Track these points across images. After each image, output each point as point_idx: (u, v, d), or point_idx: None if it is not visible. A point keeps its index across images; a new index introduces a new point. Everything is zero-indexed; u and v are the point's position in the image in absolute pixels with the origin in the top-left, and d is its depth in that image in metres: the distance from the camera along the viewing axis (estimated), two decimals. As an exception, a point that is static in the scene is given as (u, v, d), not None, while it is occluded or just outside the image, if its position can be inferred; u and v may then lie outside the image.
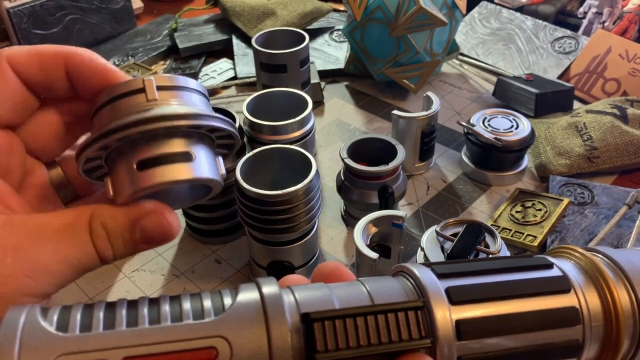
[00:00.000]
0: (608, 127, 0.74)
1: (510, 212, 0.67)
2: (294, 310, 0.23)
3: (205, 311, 0.22)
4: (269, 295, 0.23)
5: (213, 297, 0.23)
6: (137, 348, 0.21)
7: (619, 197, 0.67)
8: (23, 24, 0.96)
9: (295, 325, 0.22)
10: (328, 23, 1.10)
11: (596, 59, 0.89)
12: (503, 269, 0.26)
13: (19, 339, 0.20)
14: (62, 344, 0.20)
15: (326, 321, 0.22)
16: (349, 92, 0.94)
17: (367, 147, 0.67)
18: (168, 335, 0.21)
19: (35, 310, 0.21)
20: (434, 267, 0.25)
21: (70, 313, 0.21)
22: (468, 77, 0.96)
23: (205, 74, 0.98)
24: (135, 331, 0.21)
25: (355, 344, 0.22)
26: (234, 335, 0.21)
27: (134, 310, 0.22)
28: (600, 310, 0.25)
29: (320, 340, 0.22)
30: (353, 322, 0.22)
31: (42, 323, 0.21)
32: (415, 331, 0.23)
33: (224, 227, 0.65)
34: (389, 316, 0.23)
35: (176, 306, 0.22)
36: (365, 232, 0.55)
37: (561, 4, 1.06)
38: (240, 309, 0.22)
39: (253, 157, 0.57)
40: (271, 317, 0.22)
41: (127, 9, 1.10)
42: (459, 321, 0.23)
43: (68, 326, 0.21)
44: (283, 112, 0.66)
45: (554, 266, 0.26)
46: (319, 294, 0.24)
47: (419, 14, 0.79)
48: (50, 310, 0.22)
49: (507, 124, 0.72)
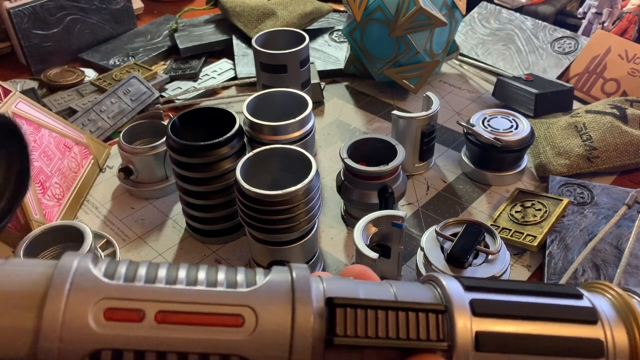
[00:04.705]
0: (607, 127, 0.74)
1: (510, 212, 0.67)
2: (320, 296, 0.24)
3: (238, 283, 0.24)
4: (299, 278, 0.24)
5: (247, 272, 0.24)
6: (172, 304, 0.22)
7: (619, 197, 0.67)
8: (23, 24, 0.96)
9: (319, 310, 0.23)
10: (328, 23, 1.10)
11: (596, 59, 0.89)
12: (531, 291, 0.26)
13: (71, 278, 0.22)
14: (107, 289, 0.22)
15: (349, 308, 0.23)
16: (349, 92, 0.94)
17: (367, 147, 0.67)
18: (201, 298, 0.23)
19: (88, 258, 0.23)
20: (462, 280, 0.26)
21: (118, 265, 0.23)
22: (468, 77, 0.96)
23: (206, 74, 0.98)
24: (173, 289, 0.23)
25: (374, 335, 0.23)
26: (261, 308, 0.23)
27: (173, 272, 0.24)
28: (627, 348, 0.25)
29: (341, 325, 0.23)
30: (374, 313, 0.23)
31: (92, 269, 0.23)
32: (433, 333, 0.23)
33: (224, 227, 0.65)
34: (409, 314, 0.24)
35: (212, 274, 0.24)
36: (365, 232, 0.55)
37: (561, 4, 1.06)
38: (271, 285, 0.24)
39: (253, 157, 0.57)
40: (298, 298, 0.23)
41: (127, 9, 1.10)
42: (479, 333, 0.24)
43: (114, 275, 0.23)
44: (283, 112, 0.66)
45: (584, 297, 0.26)
46: (347, 285, 0.25)
47: (418, 14, 0.79)
48: (100, 260, 0.24)
49: (507, 124, 0.72)
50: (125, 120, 0.85)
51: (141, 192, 0.73)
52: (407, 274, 0.62)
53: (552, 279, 0.59)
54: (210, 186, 0.61)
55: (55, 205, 0.68)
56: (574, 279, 0.58)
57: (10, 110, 0.65)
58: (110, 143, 0.83)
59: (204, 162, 0.59)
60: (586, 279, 0.58)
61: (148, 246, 0.66)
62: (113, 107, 0.85)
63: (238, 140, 0.61)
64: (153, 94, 0.88)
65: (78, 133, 0.76)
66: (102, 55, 1.03)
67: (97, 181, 0.77)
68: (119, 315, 0.22)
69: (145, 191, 0.73)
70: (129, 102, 0.86)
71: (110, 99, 0.86)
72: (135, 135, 0.75)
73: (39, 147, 0.68)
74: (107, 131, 0.84)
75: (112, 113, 0.85)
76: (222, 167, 0.60)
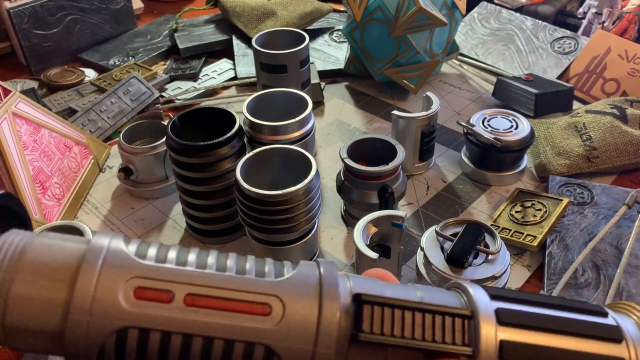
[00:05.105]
0: (607, 127, 0.74)
1: (510, 212, 0.67)
2: (347, 292, 0.24)
3: (266, 272, 0.24)
4: (327, 273, 0.24)
5: (275, 263, 0.25)
6: (201, 288, 0.22)
7: (619, 197, 0.67)
8: (23, 24, 0.96)
9: (346, 306, 0.23)
10: (328, 23, 1.10)
11: (596, 59, 0.89)
12: (556, 305, 0.26)
13: (104, 255, 0.22)
14: (139, 268, 0.23)
15: (376, 306, 0.23)
16: (349, 92, 0.94)
17: (367, 147, 0.67)
18: (231, 284, 0.23)
19: (120, 236, 0.24)
20: (488, 289, 0.26)
21: (149, 246, 0.24)
22: (468, 77, 0.96)
23: (206, 74, 0.98)
24: (203, 273, 0.23)
25: (400, 334, 0.23)
26: (289, 299, 0.23)
27: (204, 257, 0.24)
28: None
29: (367, 321, 0.23)
30: (401, 313, 0.23)
31: (124, 248, 0.23)
32: (458, 338, 0.23)
33: (224, 227, 0.65)
34: (436, 317, 0.24)
35: (242, 262, 0.24)
36: (365, 232, 0.56)
37: (561, 4, 1.06)
38: (299, 277, 0.24)
39: (253, 157, 0.57)
40: (326, 292, 0.23)
41: (127, 9, 1.10)
42: (504, 341, 0.24)
43: (146, 256, 0.23)
44: (283, 112, 0.66)
45: (609, 316, 0.26)
46: (374, 285, 0.25)
47: (418, 14, 0.79)
48: (133, 241, 0.24)
49: (507, 124, 0.72)
50: (125, 120, 0.85)
51: (141, 192, 0.73)
52: (407, 274, 0.62)
53: (552, 279, 0.59)
54: (210, 186, 0.61)
55: (55, 205, 0.68)
56: (574, 279, 0.58)
57: (10, 110, 0.65)
58: (110, 143, 0.83)
59: (204, 162, 0.59)
60: (586, 279, 0.58)
61: (148, 246, 0.66)
62: (113, 107, 0.85)
63: (238, 140, 0.61)
64: (153, 94, 0.88)
65: (78, 133, 0.76)
66: (102, 55, 1.03)
67: (97, 181, 0.77)
68: (149, 295, 0.22)
69: (145, 191, 0.73)
70: (129, 102, 0.86)
71: (110, 99, 0.86)
72: (135, 135, 0.75)
73: (39, 147, 0.68)
74: (107, 131, 0.84)
75: (112, 113, 0.85)
76: (222, 167, 0.60)
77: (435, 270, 0.54)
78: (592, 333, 0.25)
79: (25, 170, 0.64)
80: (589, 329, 0.25)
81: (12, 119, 0.65)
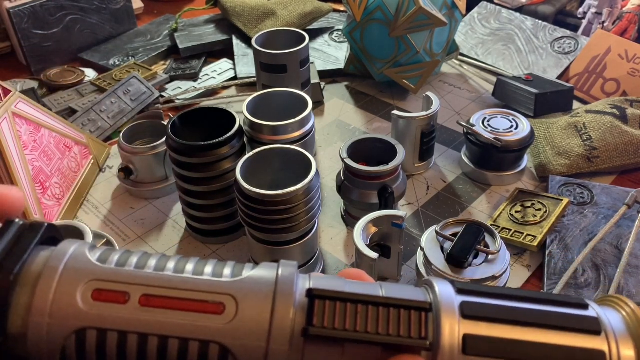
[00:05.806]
0: (607, 127, 0.74)
1: (510, 212, 0.67)
2: (304, 291, 0.24)
3: (224, 274, 0.24)
4: (285, 272, 0.24)
5: (236, 265, 0.25)
6: (156, 289, 0.23)
7: (619, 197, 0.67)
8: (23, 24, 0.96)
9: (302, 304, 0.23)
10: (328, 23, 1.10)
11: (596, 59, 0.89)
12: (530, 298, 0.25)
13: (66, 260, 0.24)
14: (97, 272, 0.24)
15: (328, 300, 0.23)
16: (349, 92, 0.94)
17: (367, 147, 0.67)
18: (185, 284, 0.24)
19: (85, 245, 0.25)
20: (457, 283, 0.25)
21: (112, 252, 0.25)
22: (468, 77, 0.96)
23: (206, 74, 0.98)
24: (159, 275, 0.24)
25: (352, 328, 0.23)
26: (243, 297, 0.23)
27: (163, 261, 0.25)
28: None
29: (319, 316, 0.23)
30: (355, 307, 0.23)
31: (87, 253, 0.24)
32: (415, 331, 0.23)
33: (224, 227, 0.65)
34: (391, 310, 0.23)
35: (201, 265, 0.25)
36: (365, 232, 0.56)
37: (561, 4, 1.06)
38: (256, 277, 0.24)
39: (253, 157, 0.57)
40: (280, 290, 0.24)
41: (127, 9, 1.10)
42: (467, 335, 0.23)
43: (107, 261, 0.24)
44: (283, 112, 0.66)
45: (590, 308, 0.25)
46: (333, 282, 0.25)
47: (418, 14, 0.79)
48: (98, 248, 0.25)
49: (507, 124, 0.72)
50: (125, 120, 0.85)
51: (141, 192, 0.73)
52: (407, 274, 0.62)
53: (552, 279, 0.59)
54: (210, 186, 0.61)
55: (55, 205, 0.68)
56: (574, 279, 0.58)
57: (10, 110, 0.65)
58: (110, 143, 0.83)
59: (204, 162, 0.59)
60: (586, 279, 0.58)
61: (148, 246, 0.66)
62: (113, 107, 0.85)
63: (238, 140, 0.61)
64: (153, 94, 0.88)
65: (78, 133, 0.76)
66: (102, 55, 1.03)
67: (97, 181, 0.77)
68: (106, 296, 0.23)
69: (145, 191, 0.73)
70: (129, 102, 0.86)
71: (110, 99, 0.86)
72: (135, 135, 0.75)
73: (39, 147, 0.68)
74: (107, 131, 0.84)
75: (112, 113, 0.85)
76: (222, 167, 0.60)
77: (435, 270, 0.54)
78: (566, 325, 0.24)
79: (25, 170, 0.64)
80: (562, 320, 0.24)
81: (12, 119, 0.65)
